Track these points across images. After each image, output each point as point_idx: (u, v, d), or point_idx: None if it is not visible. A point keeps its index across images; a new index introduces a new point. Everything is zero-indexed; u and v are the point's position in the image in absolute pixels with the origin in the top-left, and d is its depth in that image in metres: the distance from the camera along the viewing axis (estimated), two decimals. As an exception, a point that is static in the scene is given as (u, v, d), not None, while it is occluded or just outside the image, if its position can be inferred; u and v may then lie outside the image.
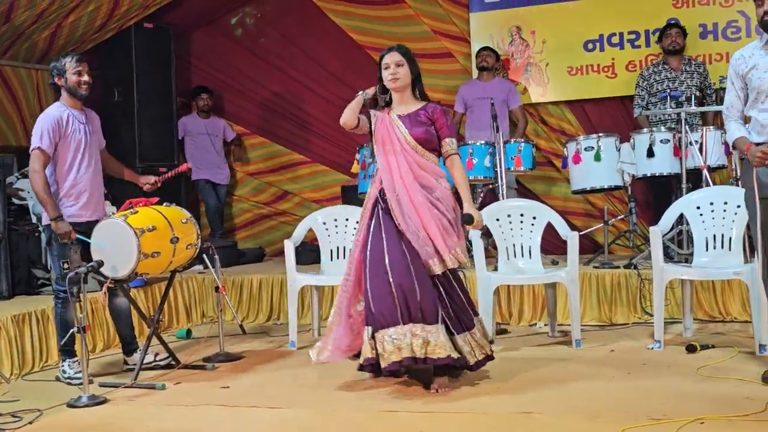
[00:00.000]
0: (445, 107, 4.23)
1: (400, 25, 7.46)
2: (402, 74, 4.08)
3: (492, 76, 6.94)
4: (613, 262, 5.88)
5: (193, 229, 4.85)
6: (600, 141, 5.94)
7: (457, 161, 4.13)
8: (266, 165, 7.98)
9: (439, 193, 4.04)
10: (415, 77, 4.14)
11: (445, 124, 4.11)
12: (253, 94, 7.96)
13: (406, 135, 4.06)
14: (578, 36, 6.98)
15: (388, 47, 4.19)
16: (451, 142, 4.13)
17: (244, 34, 7.99)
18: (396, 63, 4.07)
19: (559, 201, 7.06)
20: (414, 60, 4.14)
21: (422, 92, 4.19)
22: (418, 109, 4.12)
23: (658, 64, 6.42)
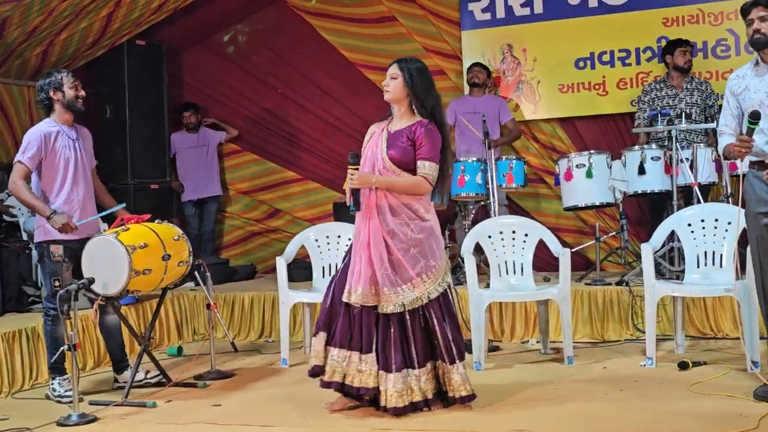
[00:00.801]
0: (431, 127, 3.93)
1: (392, 42, 7.50)
2: (392, 87, 3.99)
3: (482, 93, 6.98)
4: (605, 279, 5.90)
5: (185, 246, 4.84)
6: (591, 158, 5.97)
7: (420, 180, 3.88)
8: (258, 182, 7.98)
9: (403, 226, 3.86)
10: (413, 92, 3.96)
11: (425, 144, 3.88)
12: (246, 111, 7.98)
13: (383, 152, 3.94)
14: (569, 54, 7.03)
15: (396, 59, 4.10)
16: (423, 166, 3.87)
17: (237, 51, 8.02)
18: (391, 75, 4.01)
19: (551, 218, 7.08)
20: (415, 75, 3.97)
21: (421, 109, 3.97)
22: (407, 126, 3.97)
23: (660, 81, 6.41)
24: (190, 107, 7.75)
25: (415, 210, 3.89)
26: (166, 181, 7.59)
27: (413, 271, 3.83)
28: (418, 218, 3.88)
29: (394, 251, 3.83)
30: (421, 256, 3.85)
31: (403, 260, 3.82)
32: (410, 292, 3.83)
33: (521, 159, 6.37)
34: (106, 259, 4.43)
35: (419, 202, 3.92)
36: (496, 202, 5.97)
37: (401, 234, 3.84)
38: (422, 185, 3.90)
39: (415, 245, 3.84)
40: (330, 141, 7.66)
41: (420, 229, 3.87)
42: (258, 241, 8.08)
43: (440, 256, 3.94)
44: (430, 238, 3.91)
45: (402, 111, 4.03)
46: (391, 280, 3.83)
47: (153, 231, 4.69)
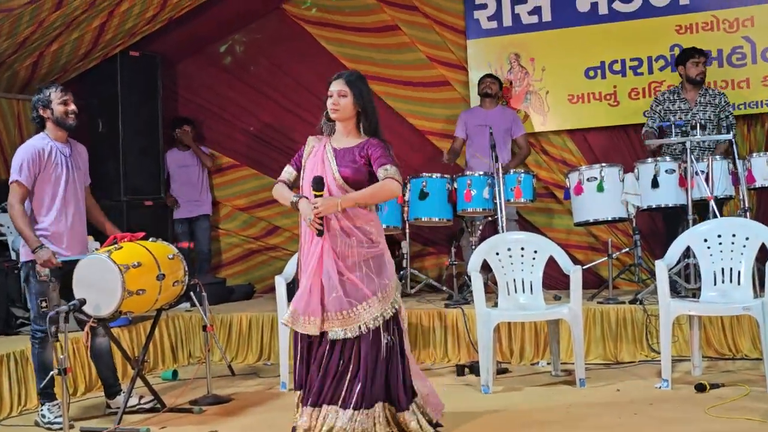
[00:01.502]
0: (386, 143, 3.91)
1: (394, 52, 7.53)
2: (343, 105, 3.90)
3: (494, 104, 7.00)
4: (618, 297, 5.89)
5: (180, 265, 4.84)
6: (603, 171, 5.97)
7: (387, 182, 3.81)
8: (256, 198, 7.99)
9: (354, 247, 3.82)
10: (363, 111, 3.92)
11: (382, 155, 3.84)
12: (243, 124, 8.00)
13: (334, 171, 3.86)
14: (579, 63, 7.05)
15: (337, 73, 4.00)
16: (385, 170, 3.81)
17: (234, 62, 8.05)
18: (339, 93, 3.91)
19: (561, 234, 7.08)
20: (363, 91, 3.92)
21: (368, 127, 3.94)
22: (355, 145, 3.92)
23: (673, 92, 6.40)
24: (185, 122, 7.77)
25: (368, 233, 3.86)
26: (160, 198, 7.60)
27: (368, 289, 3.80)
28: (369, 241, 3.86)
29: (345, 272, 3.80)
30: (375, 274, 3.83)
31: (357, 280, 3.80)
32: (365, 312, 3.78)
33: (530, 172, 6.38)
34: (98, 279, 4.43)
35: (371, 224, 3.89)
36: (503, 217, 5.96)
37: (351, 255, 3.82)
38: (390, 186, 3.81)
39: (368, 264, 3.83)
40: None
41: (372, 252, 3.85)
42: (256, 259, 8.09)
43: (392, 275, 3.92)
44: (382, 257, 3.89)
45: (348, 129, 3.97)
46: (344, 302, 3.78)
47: (147, 249, 4.69)
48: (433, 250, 7.52)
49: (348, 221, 3.82)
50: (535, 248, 5.24)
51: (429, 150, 7.43)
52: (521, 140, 6.97)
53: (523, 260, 5.24)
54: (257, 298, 7.55)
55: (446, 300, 6.27)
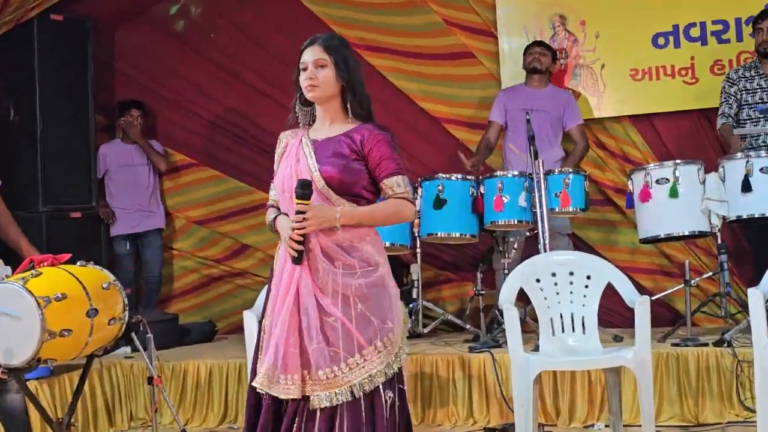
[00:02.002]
0: (389, 134, 3.71)
1: (399, 14, 7.56)
2: (322, 79, 3.70)
3: (545, 83, 7.03)
4: (699, 337, 5.88)
5: (118, 297, 4.84)
6: (677, 170, 5.98)
7: (402, 204, 3.68)
8: (219, 208, 8.03)
9: (344, 276, 3.57)
10: (348, 85, 3.73)
11: (385, 155, 3.65)
12: (201, 111, 8.03)
13: (313, 170, 3.63)
14: (645, 27, 7.09)
15: (311, 37, 3.81)
16: (396, 184, 3.65)
17: (188, 28, 8.09)
18: (316, 62, 3.72)
19: (623, 254, 7.11)
20: (347, 59, 3.74)
21: (359, 110, 3.75)
22: (342, 133, 3.73)
23: (750, 67, 6.46)
24: (136, 105, 7.80)
25: (361, 254, 3.62)
26: (91, 208, 7.60)
27: (363, 336, 3.54)
28: (364, 265, 3.61)
29: (332, 312, 3.53)
30: (373, 314, 3.57)
31: (348, 323, 3.53)
32: (359, 368, 3.53)
33: (580, 172, 6.39)
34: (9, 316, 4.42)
35: (366, 241, 3.65)
36: (546, 231, 5.95)
37: (337, 287, 3.56)
38: (406, 210, 3.67)
39: (363, 299, 3.56)
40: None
41: (369, 282, 3.60)
42: (218, 289, 8.10)
43: (397, 314, 3.65)
44: (383, 287, 3.64)
45: (331, 112, 3.78)
46: (329, 356, 3.52)
47: (74, 277, 4.68)
48: (452, 276, 7.53)
49: (331, 240, 3.58)
50: (588, 273, 5.23)
51: (446, 142, 7.45)
52: (576, 132, 6.99)
53: (573, 289, 5.22)
54: (219, 341, 7.55)
55: (471, 342, 6.27)
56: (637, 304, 4.96)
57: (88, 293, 4.66)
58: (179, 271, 8.18)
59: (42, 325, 4.40)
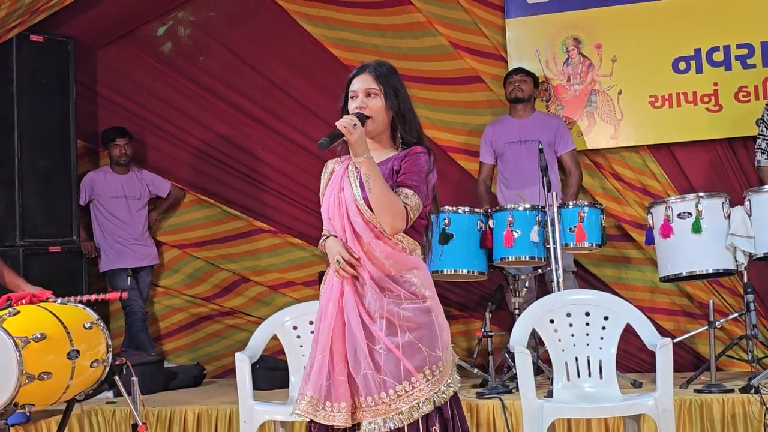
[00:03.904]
0: (429, 155, 3.82)
1: (404, 36, 7.59)
2: (373, 109, 3.85)
3: (530, 111, 7.07)
4: (724, 383, 5.86)
5: (102, 337, 4.84)
6: (701, 204, 5.99)
7: (401, 204, 3.73)
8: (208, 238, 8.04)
9: (391, 305, 3.74)
10: (398, 115, 3.87)
11: (411, 170, 3.77)
12: (190, 137, 8.03)
13: (357, 198, 3.79)
14: (665, 51, 7.12)
15: (361, 65, 3.92)
16: (405, 195, 3.73)
17: (177, 50, 8.11)
18: (366, 91, 3.85)
19: (642, 293, 7.11)
20: (397, 88, 3.88)
21: (408, 138, 3.89)
22: (390, 157, 3.87)
23: None
24: (122, 133, 7.82)
25: (408, 284, 3.78)
26: (72, 242, 7.60)
27: (411, 363, 3.72)
28: (412, 296, 3.78)
29: (381, 338, 3.72)
30: (422, 342, 3.75)
31: (395, 350, 3.71)
32: (407, 395, 3.70)
33: (597, 206, 6.40)
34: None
35: (414, 273, 3.81)
36: (560, 269, 5.96)
37: (389, 314, 3.74)
38: (399, 213, 3.71)
39: (411, 329, 3.74)
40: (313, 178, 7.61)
41: (417, 312, 3.77)
42: (207, 329, 8.08)
43: (446, 345, 3.84)
44: (431, 319, 3.81)
45: (380, 141, 3.92)
46: (376, 383, 3.70)
47: (55, 316, 4.68)
48: (459, 316, 7.53)
49: (379, 269, 3.76)
50: (605, 313, 5.22)
51: (452, 173, 7.47)
52: (569, 159, 7.03)
53: (589, 330, 5.22)
54: (208, 385, 7.53)
55: (479, 387, 6.25)
56: (658, 348, 4.95)
57: (69, 333, 4.66)
58: (165, 310, 8.16)
59: (19, 368, 4.40)
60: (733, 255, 5.97)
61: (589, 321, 5.24)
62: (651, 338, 5.07)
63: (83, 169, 7.88)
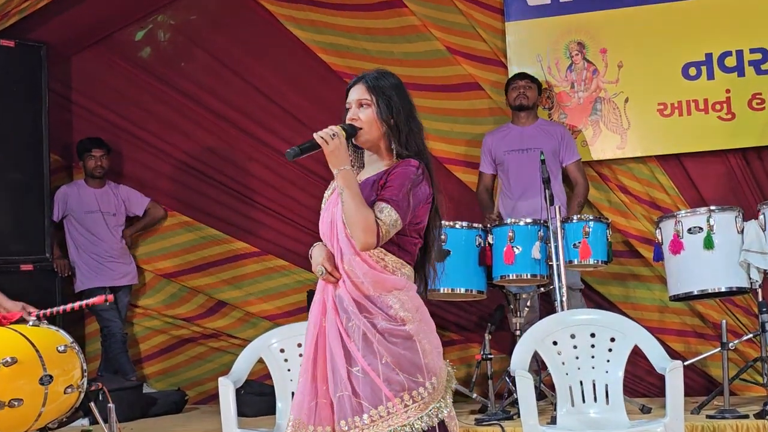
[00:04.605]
0: (417, 169, 3.79)
1: (397, 41, 7.60)
2: (365, 120, 3.88)
3: (533, 118, 7.09)
4: (738, 408, 5.86)
5: (76, 361, 4.84)
6: (712, 218, 6.00)
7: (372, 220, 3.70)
8: (190, 259, 8.03)
9: (364, 327, 3.74)
10: (394, 127, 3.88)
11: (392, 183, 3.76)
12: (170, 149, 8.03)
13: (337, 216, 3.82)
14: (674, 56, 7.13)
15: (359, 75, 3.95)
16: (380, 209, 3.70)
17: (156, 55, 8.11)
18: (359, 102, 3.89)
19: (651, 313, 7.12)
20: (392, 99, 3.88)
21: (404, 152, 3.87)
22: (381, 171, 3.88)
23: None
24: (98, 144, 7.82)
25: (386, 306, 3.78)
26: (44, 259, 7.59)
27: (389, 388, 3.72)
28: (389, 317, 3.77)
29: (357, 359, 3.74)
30: (401, 367, 3.75)
31: (372, 373, 3.73)
32: (382, 421, 3.70)
33: (602, 220, 6.41)
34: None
35: (395, 296, 3.79)
36: (564, 287, 5.96)
37: (366, 336, 3.75)
38: (370, 228, 3.68)
39: (389, 352, 3.74)
40: (302, 193, 7.69)
41: (394, 336, 3.76)
42: (189, 352, 8.08)
43: (433, 372, 3.82)
44: (412, 345, 3.80)
45: (377, 153, 3.95)
46: (352, 406, 3.72)
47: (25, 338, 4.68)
48: (456, 338, 7.54)
49: (357, 288, 3.77)
50: (612, 334, 5.23)
51: (449, 185, 7.45)
52: (574, 169, 7.05)
53: (595, 353, 5.23)
54: (190, 411, 7.53)
55: (478, 413, 6.26)
56: (667, 371, 4.95)
57: (41, 357, 4.66)
58: (144, 332, 8.14)
59: (-11, 394, 4.40)
60: (747, 272, 5.98)
61: (594, 342, 5.25)
62: (660, 361, 5.07)
63: (57, 183, 7.88)
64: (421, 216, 3.83)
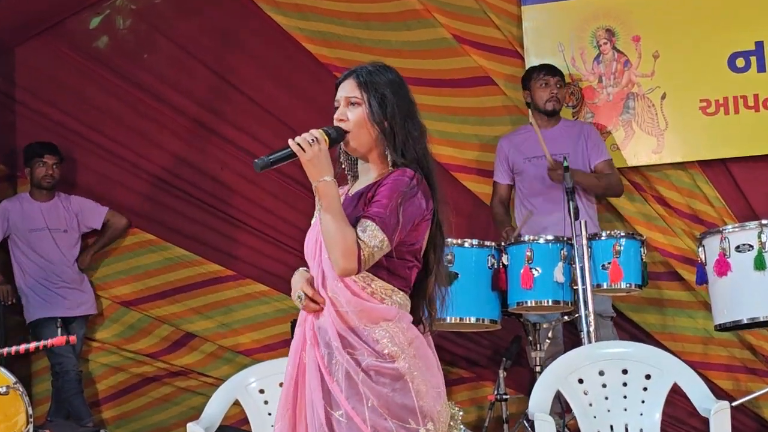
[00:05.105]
0: (412, 175, 3.75)
1: (395, 28, 7.62)
2: (354, 122, 3.86)
3: (555, 119, 7.10)
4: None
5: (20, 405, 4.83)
6: (764, 233, 6.00)
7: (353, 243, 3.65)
8: (154, 284, 8.03)
9: (369, 360, 3.71)
10: (388, 129, 3.84)
11: (379, 198, 3.71)
12: (130, 155, 8.02)
13: None
14: (719, 45, 7.15)
15: (351, 69, 3.93)
16: (363, 228, 3.65)
17: (114, 46, 8.11)
18: (347, 99, 3.87)
19: (694, 344, 7.12)
20: (386, 97, 3.86)
21: (400, 160, 3.83)
22: (372, 183, 3.86)
23: None
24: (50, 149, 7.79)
25: (372, 340, 3.74)
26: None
27: None
28: (376, 353, 3.74)
29: (340, 402, 3.71)
30: (389, 412, 3.71)
31: (357, 418, 3.69)
32: None
33: (636, 237, 6.42)
34: None
35: (380, 325, 3.75)
36: (591, 315, 5.96)
37: (349, 375, 3.72)
38: (351, 251, 3.65)
39: (375, 394, 3.71)
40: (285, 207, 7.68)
41: (381, 375, 3.73)
42: (154, 392, 8.07)
43: (429, 416, 3.77)
44: (402, 386, 3.75)
45: (371, 160, 3.93)
46: None
47: (-40, 378, 4.68)
48: (466, 376, 7.54)
49: (341, 319, 3.73)
50: (647, 371, 5.22)
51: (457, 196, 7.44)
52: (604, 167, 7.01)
53: (627, 392, 5.22)
54: (155, 462, 7.53)
55: (492, 463, 6.25)
56: (712, 413, 4.95)
57: (-22, 400, 4.65)
58: (101, 370, 8.13)
59: None
60: (805, 298, 5.99)
61: (627, 380, 5.24)
62: (704, 401, 5.06)
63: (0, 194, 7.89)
64: (418, 235, 3.79)
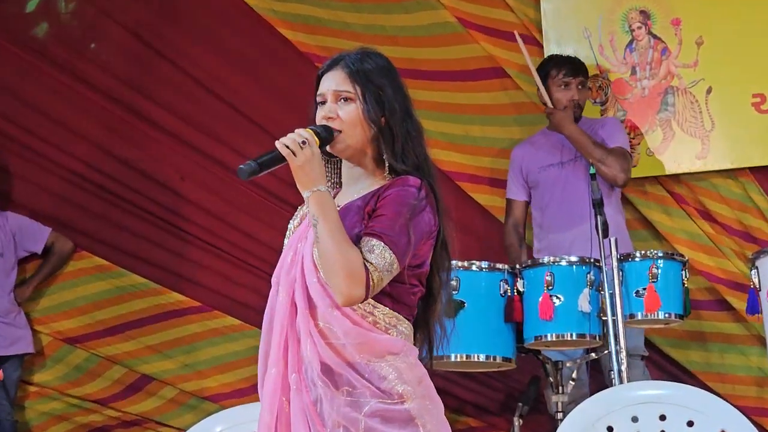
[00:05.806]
0: (419, 184, 3.74)
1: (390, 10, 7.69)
2: (347, 121, 3.85)
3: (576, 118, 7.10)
4: None
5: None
6: (827, 256, 6.08)
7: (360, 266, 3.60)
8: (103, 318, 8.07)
9: (349, 407, 3.68)
10: (386, 128, 3.84)
11: (385, 212, 3.68)
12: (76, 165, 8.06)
13: (316, 257, 3.72)
14: (773, 30, 7.21)
15: (334, 57, 3.93)
16: (369, 248, 3.62)
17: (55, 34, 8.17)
18: (336, 94, 3.85)
19: (746, 386, 7.19)
20: (383, 90, 3.86)
21: (399, 165, 3.82)
22: (369, 192, 3.83)
23: None
24: None
25: (376, 377, 3.72)
26: None
27: None
28: (381, 393, 3.72)
29: None
30: None
31: None
32: None
33: (676, 258, 6.48)
34: None
35: (385, 359, 3.74)
36: (623, 351, 6.01)
37: (348, 422, 3.69)
38: (357, 275, 3.59)
39: None
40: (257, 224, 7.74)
41: (388, 418, 3.71)
42: (101, 445, 8.12)
43: None
44: (412, 426, 3.72)
45: (362, 166, 3.92)
46: None
47: None
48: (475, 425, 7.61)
49: (337, 353, 3.70)
50: (690, 416, 5.27)
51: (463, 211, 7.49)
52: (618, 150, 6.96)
53: (666, 442, 5.30)
54: None
55: None
56: (767, 465, 5.03)
57: None
58: (39, 418, 8.17)
59: None
60: None
61: (665, 427, 5.30)
62: (757, 451, 5.14)
63: None
64: (423, 255, 3.77)
